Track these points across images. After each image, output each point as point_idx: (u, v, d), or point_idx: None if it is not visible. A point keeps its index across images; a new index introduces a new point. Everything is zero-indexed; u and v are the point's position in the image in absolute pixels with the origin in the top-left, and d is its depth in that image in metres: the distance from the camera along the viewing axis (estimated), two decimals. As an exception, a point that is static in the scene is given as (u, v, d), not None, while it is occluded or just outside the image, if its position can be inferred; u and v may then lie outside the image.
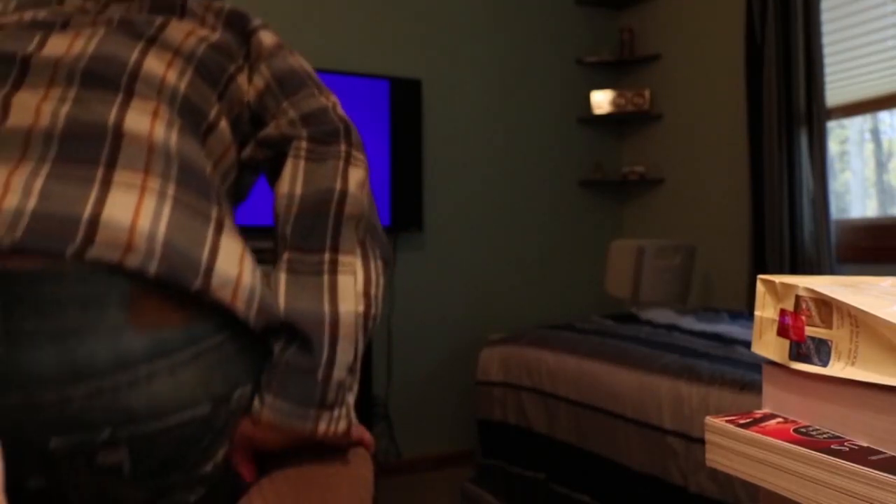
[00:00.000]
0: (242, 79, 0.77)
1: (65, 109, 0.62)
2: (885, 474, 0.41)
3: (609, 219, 3.39)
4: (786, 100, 2.47)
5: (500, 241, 3.11)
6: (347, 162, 0.73)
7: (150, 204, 0.60)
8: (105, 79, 0.66)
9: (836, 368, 0.48)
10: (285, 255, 0.69)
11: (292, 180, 0.72)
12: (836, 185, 2.54)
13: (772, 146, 2.49)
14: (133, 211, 0.58)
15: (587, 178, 3.30)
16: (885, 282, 0.56)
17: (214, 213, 0.65)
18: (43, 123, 0.61)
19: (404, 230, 2.83)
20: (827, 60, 2.47)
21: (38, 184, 0.57)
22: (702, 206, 3.02)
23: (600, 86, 3.35)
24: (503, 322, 3.09)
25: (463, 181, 3.04)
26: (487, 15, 3.11)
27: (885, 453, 0.45)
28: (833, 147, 2.55)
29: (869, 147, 2.52)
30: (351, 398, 0.69)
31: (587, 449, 1.81)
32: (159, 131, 0.65)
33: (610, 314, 2.49)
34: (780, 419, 0.53)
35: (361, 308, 0.69)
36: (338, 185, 0.71)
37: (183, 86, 0.70)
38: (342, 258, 0.69)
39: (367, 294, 0.69)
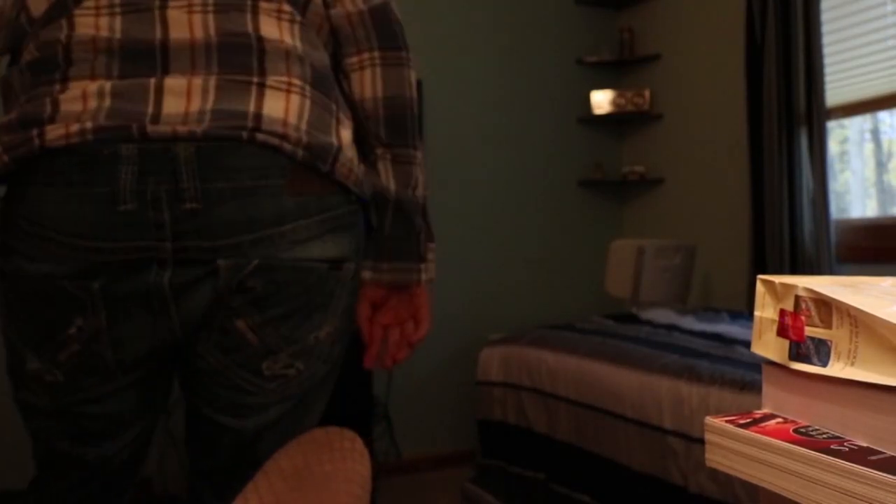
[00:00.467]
0: None
1: (211, 21, 0.77)
2: (885, 474, 0.41)
3: (609, 219, 3.39)
4: (786, 100, 2.47)
5: (500, 241, 3.11)
6: (409, 67, 0.91)
7: (295, 102, 0.78)
8: None
9: (836, 368, 0.48)
10: (390, 151, 0.89)
11: (374, 86, 0.88)
12: (836, 185, 2.54)
13: (772, 146, 2.49)
14: (284, 110, 0.77)
15: (587, 177, 3.30)
16: (885, 282, 0.56)
17: (334, 108, 0.83)
18: (199, 36, 0.76)
19: (404, 230, 2.83)
20: (827, 60, 2.47)
21: (212, 90, 0.75)
22: (702, 206, 3.01)
23: (600, 86, 3.35)
24: (503, 322, 3.09)
25: (463, 181, 3.04)
26: (487, 15, 3.11)
27: (884, 453, 0.45)
28: (833, 147, 2.55)
29: (869, 147, 2.52)
30: (432, 255, 0.94)
31: (587, 449, 1.81)
32: (287, 36, 0.80)
33: (610, 314, 2.49)
34: (779, 419, 0.53)
35: (425, 192, 0.94)
36: (408, 93, 0.89)
37: None
38: (418, 154, 0.93)
39: (424, 180, 0.94)
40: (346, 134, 0.83)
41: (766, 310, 0.55)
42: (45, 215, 0.72)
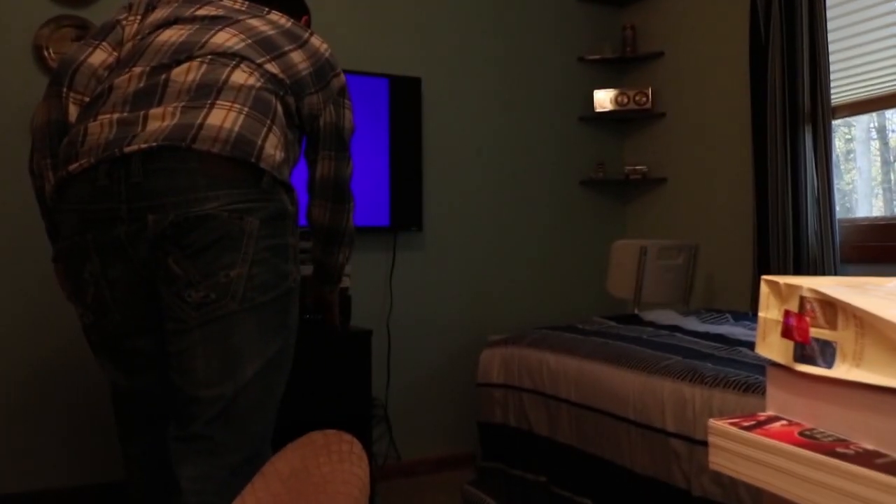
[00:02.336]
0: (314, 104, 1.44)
1: (203, 70, 1.23)
2: (891, 477, 0.41)
3: (611, 218, 3.38)
4: (790, 98, 2.46)
5: (500, 241, 3.11)
6: (345, 161, 1.50)
7: (231, 115, 1.19)
8: (231, 55, 1.28)
9: (841, 370, 0.48)
10: (329, 204, 1.50)
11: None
12: (841, 184, 2.53)
13: (776, 145, 2.48)
14: (222, 119, 1.17)
15: (589, 177, 3.30)
16: (891, 283, 0.55)
17: (269, 122, 1.24)
18: (189, 79, 1.21)
19: (404, 230, 2.82)
20: (832, 58, 2.46)
21: (178, 111, 1.17)
22: (705, 206, 3.00)
23: (602, 84, 3.35)
24: (504, 323, 3.08)
25: (463, 180, 3.04)
26: (488, 13, 3.10)
27: (890, 456, 0.45)
28: (839, 145, 2.54)
29: (875, 146, 2.51)
30: (336, 285, 1.66)
31: (589, 451, 1.80)
32: (249, 81, 1.25)
33: (612, 315, 2.48)
34: (784, 421, 0.52)
35: (344, 260, 1.59)
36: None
37: (258, 85, 1.28)
38: (348, 206, 1.52)
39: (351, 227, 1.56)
40: (273, 139, 1.23)
41: (770, 311, 0.55)
42: (70, 196, 1.20)
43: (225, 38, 1.28)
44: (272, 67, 1.30)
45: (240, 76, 1.23)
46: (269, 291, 1.19)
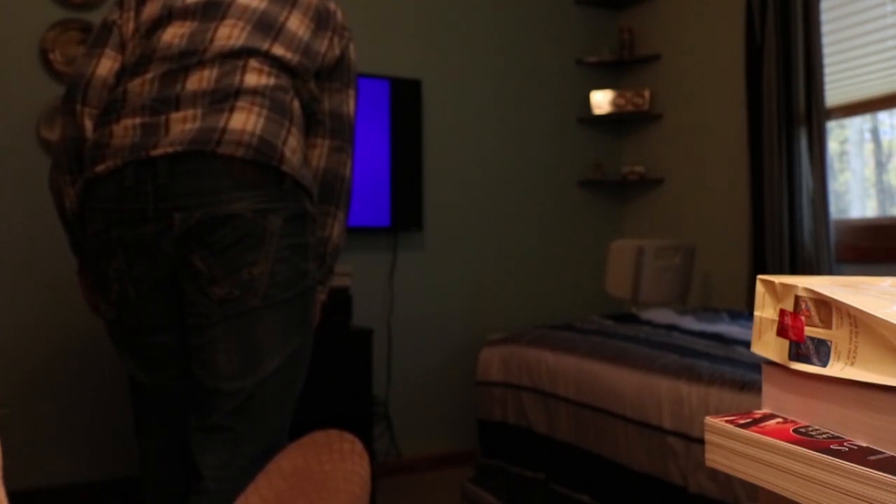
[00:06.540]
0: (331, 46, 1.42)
1: (214, 75, 1.23)
2: (885, 474, 0.41)
3: (609, 219, 3.39)
4: (785, 100, 2.47)
5: (499, 241, 3.11)
6: (348, 154, 1.42)
7: (252, 118, 1.21)
8: (240, 53, 1.27)
9: (836, 368, 0.48)
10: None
11: (319, 158, 1.38)
12: (835, 184, 2.54)
13: (771, 146, 2.49)
14: (244, 122, 1.20)
15: (587, 178, 3.31)
16: (885, 282, 0.56)
17: (287, 124, 1.26)
18: (202, 86, 1.22)
19: (404, 230, 2.83)
20: (826, 60, 2.47)
21: (200, 115, 1.20)
22: (701, 207, 3.02)
23: (600, 86, 3.36)
24: (503, 322, 3.09)
25: (463, 181, 3.04)
26: (487, 15, 3.11)
27: (884, 453, 0.45)
28: (833, 147, 2.55)
29: (869, 147, 2.53)
30: (328, 282, 1.44)
31: (587, 449, 1.81)
32: (263, 80, 1.26)
33: (610, 314, 2.49)
34: (779, 419, 0.53)
35: (338, 239, 1.42)
36: (342, 171, 1.40)
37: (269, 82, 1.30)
38: (339, 213, 1.40)
39: (343, 230, 1.43)
40: (293, 141, 1.26)
41: (765, 310, 0.55)
42: (97, 195, 1.23)
43: (227, 34, 1.26)
44: (278, 49, 1.28)
45: (252, 77, 1.24)
46: (289, 289, 1.21)
